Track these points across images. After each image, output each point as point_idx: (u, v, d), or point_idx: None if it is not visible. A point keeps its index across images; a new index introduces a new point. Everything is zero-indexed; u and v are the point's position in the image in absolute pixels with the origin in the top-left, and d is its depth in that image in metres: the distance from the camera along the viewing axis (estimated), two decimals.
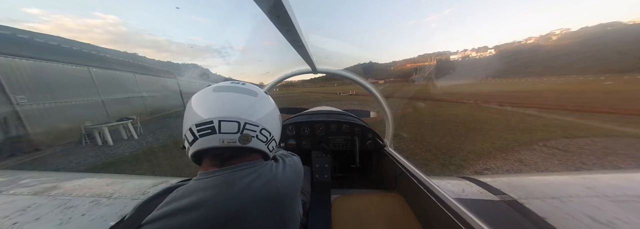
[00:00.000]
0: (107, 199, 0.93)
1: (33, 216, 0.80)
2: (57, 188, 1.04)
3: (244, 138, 0.51)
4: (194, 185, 0.50)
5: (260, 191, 0.51)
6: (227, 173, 0.52)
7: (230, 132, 0.50)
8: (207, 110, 0.51)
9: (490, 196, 0.85)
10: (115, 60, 10.27)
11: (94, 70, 8.29)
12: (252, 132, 0.53)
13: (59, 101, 6.88)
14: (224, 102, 0.52)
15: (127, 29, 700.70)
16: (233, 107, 0.52)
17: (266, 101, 0.60)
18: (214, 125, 0.49)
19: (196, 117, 0.51)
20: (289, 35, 0.71)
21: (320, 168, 1.72)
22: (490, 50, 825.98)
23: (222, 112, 0.50)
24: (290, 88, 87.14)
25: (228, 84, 0.58)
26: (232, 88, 0.56)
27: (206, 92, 0.55)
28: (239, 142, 0.51)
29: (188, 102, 0.56)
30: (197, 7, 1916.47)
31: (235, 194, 0.48)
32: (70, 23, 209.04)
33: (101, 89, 8.43)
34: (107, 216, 0.81)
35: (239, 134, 0.51)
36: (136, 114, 7.83)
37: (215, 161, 0.54)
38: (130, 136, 6.84)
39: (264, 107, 0.58)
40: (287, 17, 0.56)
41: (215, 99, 0.54)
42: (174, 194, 0.49)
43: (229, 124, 0.50)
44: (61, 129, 6.55)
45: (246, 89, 0.57)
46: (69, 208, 0.85)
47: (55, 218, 0.79)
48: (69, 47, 8.41)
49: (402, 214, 1.04)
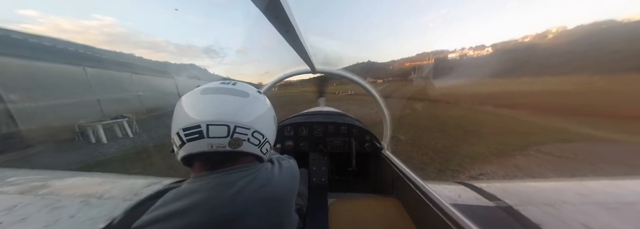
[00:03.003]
0: (98, 199, 0.91)
1: (19, 216, 0.77)
2: (45, 186, 1.01)
3: (235, 142, 0.49)
4: (186, 188, 0.49)
5: (255, 194, 0.50)
6: (221, 177, 0.50)
7: (219, 136, 0.48)
8: (194, 113, 0.48)
9: (486, 202, 0.85)
10: (111, 60, 10.32)
11: (89, 70, 8.29)
12: (242, 135, 0.50)
13: (53, 99, 6.85)
14: (212, 105, 0.50)
15: (125, 30, 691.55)
16: (222, 110, 0.49)
17: (258, 101, 0.57)
18: (202, 129, 0.47)
19: (183, 121, 0.48)
20: (288, 36, 0.71)
21: (317, 171, 1.71)
22: (488, 49, 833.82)
23: (210, 116, 0.48)
24: (288, 88, 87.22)
25: (217, 85, 0.55)
26: (221, 89, 0.54)
27: (194, 95, 0.53)
28: (229, 147, 0.49)
29: (177, 104, 0.54)
30: (195, 7, 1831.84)
31: (229, 198, 0.47)
32: (66, 24, 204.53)
33: (97, 88, 8.39)
34: (96, 218, 0.78)
35: (228, 138, 0.48)
36: (132, 113, 7.73)
37: (206, 164, 0.53)
38: (125, 134, 6.75)
39: (255, 109, 0.55)
40: (286, 18, 0.56)
41: (203, 101, 0.51)
42: (166, 197, 0.48)
43: (218, 128, 0.47)
44: (54, 127, 6.45)
45: (236, 90, 0.54)
46: (56, 209, 0.83)
47: (42, 219, 0.76)
48: (64, 48, 8.52)
49: (399, 220, 1.03)
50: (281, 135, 1.75)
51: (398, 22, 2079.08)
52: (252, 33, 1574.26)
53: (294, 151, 1.76)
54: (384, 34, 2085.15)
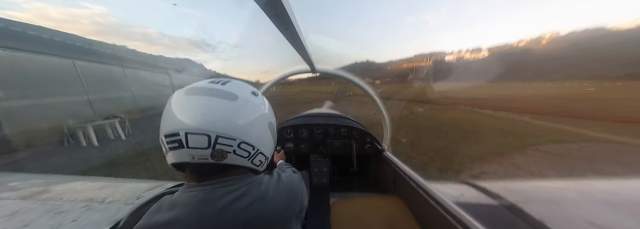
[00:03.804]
0: (100, 203, 0.91)
1: (21, 221, 0.77)
2: (47, 191, 1.01)
3: (218, 154, 0.43)
4: (175, 199, 0.46)
5: (242, 214, 0.44)
6: (206, 190, 0.46)
7: (199, 147, 0.42)
8: (174, 119, 0.43)
9: (489, 200, 0.86)
10: (103, 52, 9.26)
11: (78, 63, 7.38)
12: (227, 147, 0.44)
13: (39, 97, 6.10)
14: (193, 110, 0.43)
15: (117, 20, 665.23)
16: (203, 117, 0.43)
17: (249, 105, 0.49)
18: (181, 138, 0.42)
19: (164, 127, 0.44)
20: (287, 33, 0.70)
21: (318, 172, 1.71)
22: (484, 52, 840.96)
23: (189, 123, 0.42)
24: (287, 87, 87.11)
25: (204, 85, 0.48)
26: (207, 90, 0.46)
27: (178, 96, 0.47)
28: (212, 159, 0.43)
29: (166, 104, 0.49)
30: (192, 0, 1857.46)
31: (212, 215, 0.43)
32: (53, 12, 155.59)
33: (87, 84, 7.55)
34: (99, 221, 0.78)
35: (210, 149, 0.42)
36: (125, 112, 7.28)
37: (194, 175, 0.48)
38: (118, 136, 6.44)
39: (244, 115, 0.47)
40: (286, 16, 0.55)
41: (185, 105, 0.45)
42: (158, 204, 0.46)
43: (197, 138, 0.41)
44: (41, 129, 5.84)
45: (224, 92, 0.47)
46: (59, 213, 0.82)
47: (45, 224, 0.76)
48: (50, 37, 7.36)
49: (401, 218, 1.03)
50: (281, 137, 1.75)
51: (397, 22, 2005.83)
52: (251, 29, 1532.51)
53: (294, 153, 1.76)
54: (383, 34, 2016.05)
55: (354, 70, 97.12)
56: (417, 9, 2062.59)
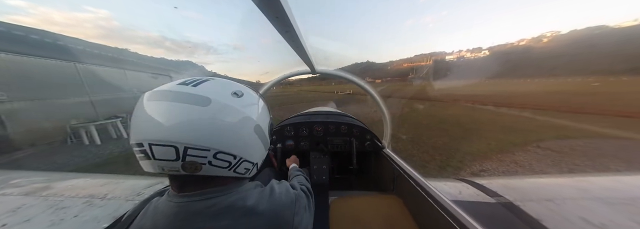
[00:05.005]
0: (101, 200, 0.92)
1: (24, 217, 0.78)
2: (49, 188, 1.02)
3: (189, 166, 0.39)
4: (160, 205, 0.44)
5: None
6: (184, 203, 0.42)
7: (167, 159, 0.37)
8: (137, 127, 0.38)
9: (487, 198, 0.86)
10: (105, 56, 9.64)
11: (80, 66, 7.58)
12: (199, 158, 0.38)
13: (42, 98, 6.28)
14: (155, 118, 0.38)
15: (120, 24, 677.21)
16: (166, 126, 0.37)
17: (227, 110, 0.42)
18: (146, 149, 0.37)
19: (130, 135, 0.40)
20: (287, 35, 0.70)
21: (318, 169, 1.72)
22: (485, 51, 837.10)
23: (151, 133, 0.37)
24: (287, 87, 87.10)
25: (170, 88, 0.41)
26: (172, 95, 0.40)
27: (141, 101, 0.40)
28: (184, 171, 0.39)
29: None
30: (193, 3, 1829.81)
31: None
32: (57, 16, 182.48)
33: (88, 86, 7.73)
34: (100, 217, 0.79)
35: (179, 161, 0.38)
36: (127, 112, 7.43)
37: (173, 184, 0.45)
38: (120, 135, 6.58)
39: (220, 121, 0.40)
40: (286, 18, 0.55)
41: (148, 112, 0.39)
42: (148, 206, 0.46)
43: (164, 149, 0.37)
44: (45, 128, 6.04)
45: (193, 96, 0.40)
46: (61, 209, 0.84)
47: (47, 219, 0.77)
48: (53, 41, 7.72)
49: (400, 216, 1.04)
50: (282, 135, 1.76)
51: (397, 24, 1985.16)
52: (251, 32, 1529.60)
53: (294, 151, 1.77)
54: (383, 35, 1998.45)
55: (354, 70, 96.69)
56: (416, 12, 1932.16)
